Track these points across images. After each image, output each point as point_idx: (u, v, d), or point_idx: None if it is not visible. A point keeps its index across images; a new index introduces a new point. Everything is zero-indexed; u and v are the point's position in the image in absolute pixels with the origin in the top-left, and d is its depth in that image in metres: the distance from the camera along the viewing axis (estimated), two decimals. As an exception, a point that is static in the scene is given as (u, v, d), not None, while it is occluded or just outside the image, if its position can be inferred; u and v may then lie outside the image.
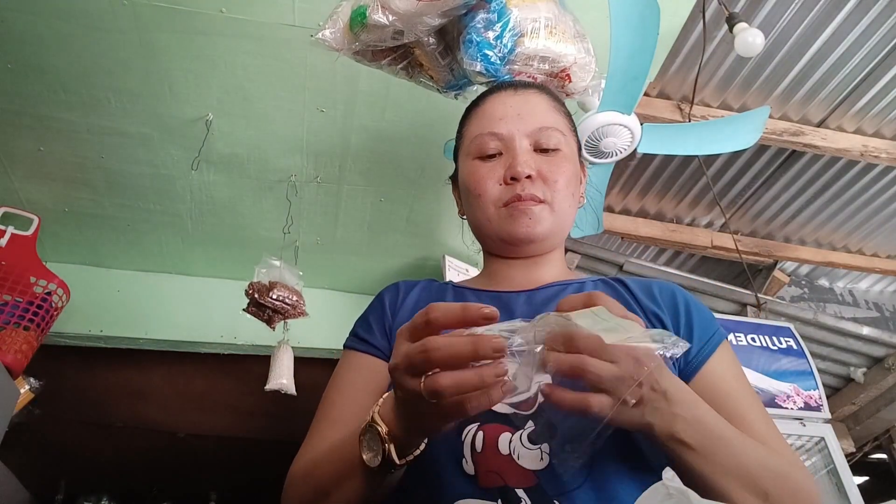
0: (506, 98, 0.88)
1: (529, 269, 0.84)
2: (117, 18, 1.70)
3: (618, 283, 0.82)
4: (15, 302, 2.09)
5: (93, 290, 2.60)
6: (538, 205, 0.80)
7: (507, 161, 0.82)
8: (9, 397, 2.03)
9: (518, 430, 0.66)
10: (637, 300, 0.78)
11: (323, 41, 1.13)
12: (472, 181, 0.84)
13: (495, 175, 0.82)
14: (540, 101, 0.88)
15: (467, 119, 0.91)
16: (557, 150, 0.83)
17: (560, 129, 0.85)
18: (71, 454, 3.78)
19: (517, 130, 0.83)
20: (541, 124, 0.84)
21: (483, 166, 0.84)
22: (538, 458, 0.64)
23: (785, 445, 0.68)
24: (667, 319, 0.75)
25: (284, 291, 2.05)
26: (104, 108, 1.97)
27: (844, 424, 3.15)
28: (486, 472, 0.64)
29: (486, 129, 0.85)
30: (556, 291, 0.80)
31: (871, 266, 3.32)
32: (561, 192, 0.82)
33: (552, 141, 0.83)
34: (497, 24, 1.05)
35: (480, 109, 0.89)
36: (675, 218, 3.21)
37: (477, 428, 0.67)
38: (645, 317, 0.76)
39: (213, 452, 3.90)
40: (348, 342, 0.85)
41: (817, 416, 2.27)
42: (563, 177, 0.82)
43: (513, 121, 0.84)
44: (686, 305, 0.77)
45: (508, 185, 0.81)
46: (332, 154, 2.20)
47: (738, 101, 2.58)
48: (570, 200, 0.84)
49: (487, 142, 0.84)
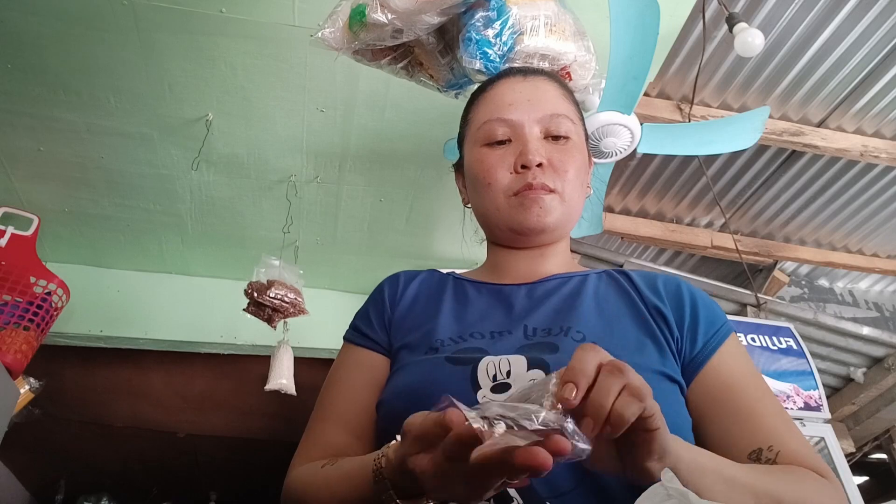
0: (515, 84, 0.85)
1: (535, 261, 0.83)
2: (117, 18, 1.70)
3: (622, 276, 0.81)
4: (15, 302, 2.09)
5: (93, 290, 2.60)
6: (549, 194, 0.78)
7: (518, 149, 0.80)
8: (9, 397, 2.03)
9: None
10: (640, 293, 0.77)
11: (322, 41, 1.13)
12: (480, 169, 0.81)
13: (505, 163, 0.80)
14: (550, 87, 0.85)
15: (473, 105, 0.88)
16: (568, 139, 0.81)
17: (570, 117, 0.83)
18: (71, 454, 3.79)
19: (527, 117, 0.81)
20: (551, 111, 0.82)
21: (492, 154, 0.81)
22: None
23: (799, 441, 0.65)
24: (669, 313, 0.74)
25: (283, 289, 2.05)
26: (104, 108, 1.97)
27: (844, 424, 3.15)
28: None
29: (495, 115, 0.82)
30: (557, 284, 0.79)
31: (871, 266, 3.32)
32: (571, 181, 0.80)
33: (563, 129, 0.81)
34: (497, 21, 1.05)
35: (488, 95, 0.86)
36: (675, 218, 3.21)
37: None
38: (646, 310, 0.74)
39: (213, 452, 3.90)
40: (348, 335, 0.83)
41: (817, 416, 2.27)
42: (574, 166, 0.80)
43: (523, 107, 0.81)
44: (692, 299, 0.76)
45: (519, 174, 0.79)
46: (331, 154, 2.20)
47: (738, 102, 2.58)
48: (580, 190, 0.82)
49: (496, 128, 0.81)
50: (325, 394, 0.80)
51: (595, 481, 0.61)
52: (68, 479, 4.07)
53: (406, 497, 0.53)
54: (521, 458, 0.42)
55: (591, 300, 0.75)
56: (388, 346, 0.79)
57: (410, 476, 0.50)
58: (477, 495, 0.47)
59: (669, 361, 0.70)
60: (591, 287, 0.78)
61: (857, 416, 3.12)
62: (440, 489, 0.49)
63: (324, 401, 0.79)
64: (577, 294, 0.76)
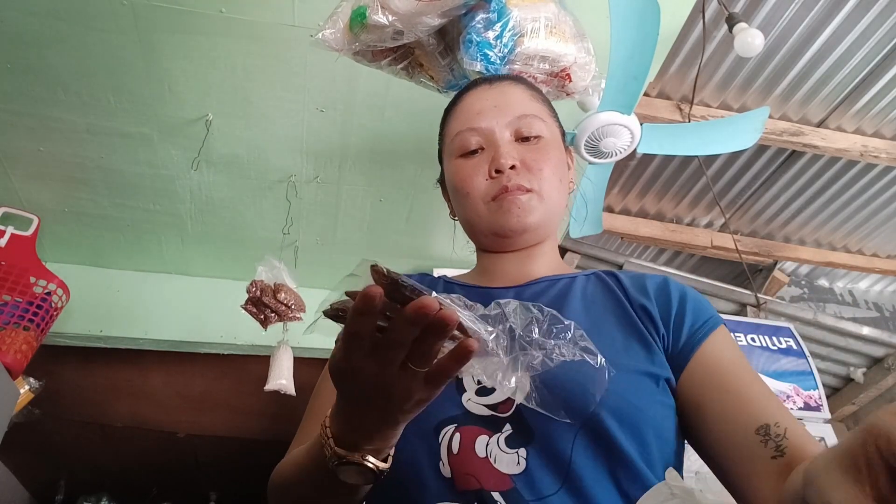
0: (481, 93, 0.87)
1: (522, 263, 0.83)
2: (117, 18, 1.70)
3: (609, 277, 0.81)
4: (15, 302, 2.09)
5: (93, 290, 2.60)
6: (526, 194, 0.79)
7: (490, 155, 0.81)
8: (9, 397, 2.03)
9: (496, 433, 0.65)
10: (626, 293, 0.77)
11: (323, 41, 1.13)
12: (457, 180, 0.83)
13: (480, 171, 0.81)
14: (516, 90, 0.87)
15: (446, 119, 0.90)
16: (539, 138, 0.82)
17: (540, 116, 0.84)
18: (71, 454, 3.78)
19: (496, 123, 0.82)
20: (520, 113, 0.83)
21: (467, 164, 0.82)
22: (515, 462, 0.63)
23: (790, 418, 0.64)
24: (654, 310, 0.74)
25: (291, 296, 2.07)
26: (104, 108, 1.97)
27: (844, 424, 3.15)
28: (463, 475, 0.63)
29: (465, 126, 0.84)
30: (544, 287, 0.79)
31: (871, 266, 3.32)
32: (547, 179, 0.81)
33: (533, 129, 0.82)
34: (497, 23, 1.05)
35: (458, 108, 0.88)
36: (675, 218, 3.21)
37: (454, 430, 0.66)
38: (633, 310, 0.74)
39: (213, 452, 3.90)
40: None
41: (817, 416, 2.27)
42: (548, 164, 0.81)
43: (491, 113, 0.83)
44: (680, 295, 0.76)
45: (494, 179, 0.80)
46: (331, 154, 2.20)
47: (738, 102, 2.58)
48: (559, 187, 0.83)
49: (468, 138, 0.83)
50: (315, 392, 0.80)
51: (577, 485, 0.62)
52: (68, 479, 4.07)
53: (343, 445, 0.55)
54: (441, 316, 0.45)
55: (578, 302, 0.76)
56: None
57: (339, 382, 0.53)
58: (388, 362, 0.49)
59: (658, 359, 0.70)
60: (579, 289, 0.78)
61: (857, 416, 3.12)
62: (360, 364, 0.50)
63: (313, 399, 0.80)
64: (564, 296, 0.77)
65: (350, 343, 0.49)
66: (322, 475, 0.58)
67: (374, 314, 0.47)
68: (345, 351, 0.50)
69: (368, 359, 0.49)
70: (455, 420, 0.66)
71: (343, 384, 0.53)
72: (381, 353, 0.49)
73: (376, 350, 0.49)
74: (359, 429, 0.55)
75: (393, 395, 0.51)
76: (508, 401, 0.66)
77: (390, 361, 0.49)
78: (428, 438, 0.66)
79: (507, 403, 0.66)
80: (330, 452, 0.55)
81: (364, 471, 0.55)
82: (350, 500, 0.63)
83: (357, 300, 0.46)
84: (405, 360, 0.49)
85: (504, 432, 0.65)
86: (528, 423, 0.65)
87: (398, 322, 0.47)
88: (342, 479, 0.56)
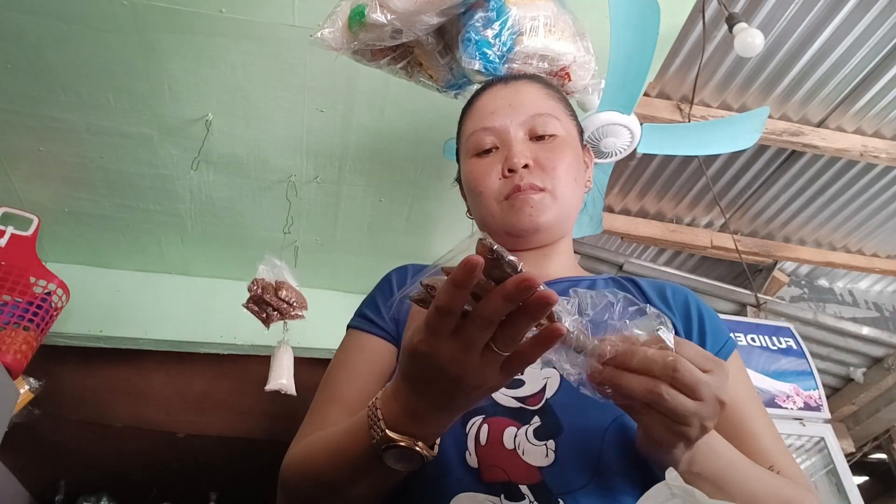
0: (497, 92, 0.87)
1: (538, 262, 0.83)
2: (117, 18, 1.70)
3: (629, 283, 0.81)
4: (15, 302, 2.09)
5: (93, 290, 2.60)
6: (538, 193, 0.79)
7: (504, 154, 0.81)
8: (9, 397, 2.03)
9: (524, 425, 0.64)
10: (648, 301, 0.77)
11: (322, 41, 1.13)
12: (472, 179, 0.83)
13: (494, 170, 0.81)
14: (531, 89, 0.87)
15: (463, 119, 0.91)
16: (554, 136, 0.82)
17: (554, 115, 0.84)
18: (71, 454, 3.78)
19: (510, 121, 0.82)
20: (534, 111, 0.83)
21: (481, 163, 0.83)
22: (544, 454, 0.62)
23: (792, 462, 0.68)
24: (678, 323, 0.74)
25: (292, 293, 2.06)
26: (104, 108, 1.97)
27: (844, 424, 3.15)
28: (490, 466, 0.62)
29: (480, 125, 0.84)
30: (565, 288, 0.78)
31: (871, 266, 3.32)
32: (561, 178, 0.80)
33: (548, 128, 0.82)
34: (496, 22, 1.05)
35: (474, 107, 0.88)
36: (675, 218, 3.21)
37: (482, 421, 0.65)
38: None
39: (213, 452, 3.90)
40: (353, 322, 0.83)
41: (817, 416, 2.27)
42: (562, 163, 0.81)
43: (505, 112, 0.83)
44: (699, 312, 0.76)
45: (507, 178, 0.80)
46: (331, 154, 2.20)
47: (738, 102, 2.58)
48: (573, 186, 0.82)
49: (482, 137, 0.83)
50: (329, 376, 0.79)
51: (605, 479, 0.61)
52: (68, 479, 4.07)
53: (394, 429, 0.53)
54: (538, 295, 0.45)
55: None
56: (396, 335, 0.79)
57: (413, 363, 0.51)
58: (472, 347, 0.47)
59: None
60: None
61: (857, 416, 3.12)
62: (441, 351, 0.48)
63: (328, 383, 0.78)
64: None
65: (439, 320, 0.47)
66: (363, 459, 0.56)
67: (469, 288, 0.45)
68: (429, 329, 0.48)
69: (451, 339, 0.47)
70: (483, 411, 0.66)
71: (415, 365, 0.51)
72: (467, 333, 0.47)
73: (461, 330, 0.47)
74: (415, 413, 0.53)
75: (464, 381, 0.49)
76: (538, 393, 0.66)
77: (474, 343, 0.47)
78: (454, 428, 0.64)
79: (536, 396, 0.66)
80: (380, 435, 0.53)
81: (413, 456, 0.54)
82: (386, 486, 0.61)
83: (458, 267, 0.44)
84: (488, 343, 0.47)
85: (532, 424, 0.64)
86: (556, 416, 0.64)
87: (494, 298, 0.45)
88: (387, 464, 0.55)
